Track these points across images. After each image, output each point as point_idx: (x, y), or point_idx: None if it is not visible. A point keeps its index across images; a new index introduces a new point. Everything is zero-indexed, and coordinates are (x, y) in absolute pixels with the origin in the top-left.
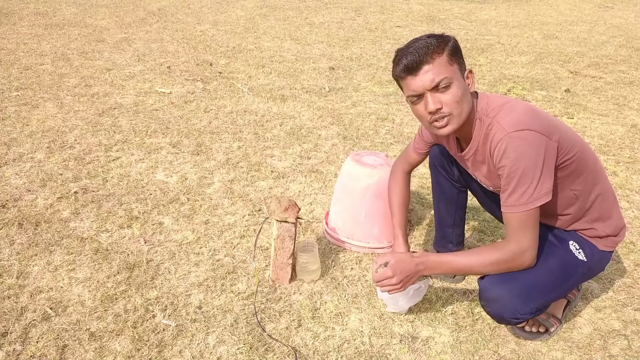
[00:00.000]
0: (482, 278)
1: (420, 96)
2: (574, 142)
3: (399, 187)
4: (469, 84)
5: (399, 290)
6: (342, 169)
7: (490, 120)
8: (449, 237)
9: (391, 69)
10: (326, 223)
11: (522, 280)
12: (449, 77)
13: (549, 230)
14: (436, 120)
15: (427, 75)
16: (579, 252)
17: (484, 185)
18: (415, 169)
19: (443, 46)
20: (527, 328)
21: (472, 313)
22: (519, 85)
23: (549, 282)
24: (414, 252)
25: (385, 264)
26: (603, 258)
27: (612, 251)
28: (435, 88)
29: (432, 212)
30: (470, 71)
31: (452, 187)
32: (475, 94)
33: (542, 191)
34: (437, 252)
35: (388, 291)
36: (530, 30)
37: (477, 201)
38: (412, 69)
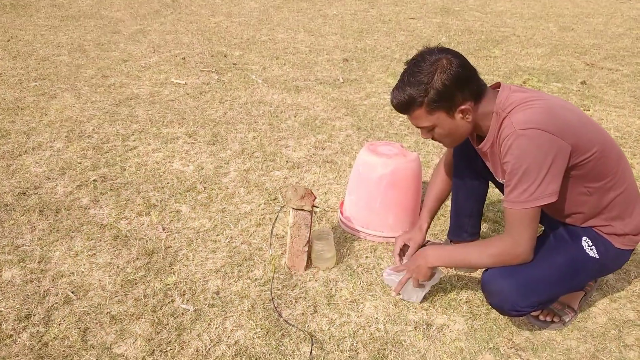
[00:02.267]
0: (485, 270)
1: None
2: (593, 142)
3: (438, 178)
4: (462, 117)
5: (424, 280)
6: (357, 158)
7: (505, 114)
8: (464, 226)
9: None
10: (341, 212)
11: (524, 274)
12: (429, 125)
13: (563, 225)
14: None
15: (411, 121)
16: (591, 249)
17: (498, 180)
18: (429, 160)
19: (422, 99)
20: (541, 317)
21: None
22: (535, 77)
23: (553, 277)
24: (427, 241)
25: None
26: (620, 256)
27: (631, 250)
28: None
29: (449, 202)
30: (462, 110)
31: (474, 177)
32: (497, 85)
33: (545, 191)
34: (451, 242)
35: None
36: (546, 22)
37: (493, 193)
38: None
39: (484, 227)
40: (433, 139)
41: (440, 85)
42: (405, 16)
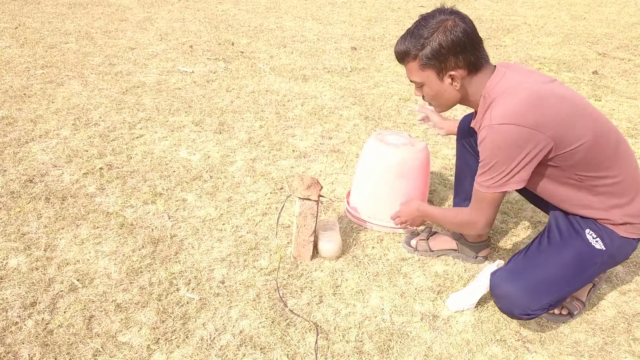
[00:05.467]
0: (494, 273)
1: None
2: (583, 132)
3: None
4: (451, 83)
5: (408, 226)
6: (364, 147)
7: (490, 101)
8: None
9: None
10: (347, 202)
11: (533, 276)
12: (419, 81)
13: (564, 219)
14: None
15: (406, 73)
16: (597, 241)
17: None
18: (438, 150)
19: (417, 52)
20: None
21: None
22: (546, 67)
23: (562, 276)
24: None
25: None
26: (626, 245)
27: (639, 238)
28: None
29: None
30: (452, 76)
31: (476, 161)
32: (492, 68)
33: (512, 180)
34: None
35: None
36: (558, 11)
37: None
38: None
39: None
40: (423, 98)
41: (436, 45)
42: (415, 4)
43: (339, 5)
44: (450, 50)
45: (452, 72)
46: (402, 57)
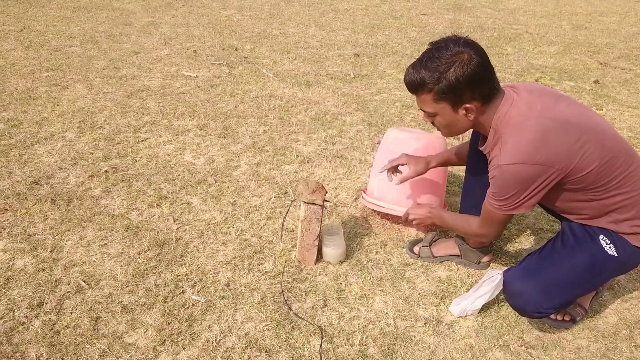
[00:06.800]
0: (507, 270)
1: None
2: (593, 158)
3: (459, 150)
4: (465, 114)
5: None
6: (384, 138)
7: (499, 136)
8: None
9: None
10: (366, 194)
11: (547, 275)
12: (432, 112)
13: (579, 224)
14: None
15: (417, 102)
16: (610, 247)
17: None
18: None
19: (432, 86)
20: (552, 316)
21: (497, 299)
22: (547, 76)
23: (575, 278)
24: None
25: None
26: (637, 254)
27: None
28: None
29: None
30: (467, 108)
31: (487, 173)
32: (502, 93)
33: (522, 205)
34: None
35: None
36: (559, 20)
37: None
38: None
39: None
40: (432, 124)
41: (453, 79)
42: (417, 12)
43: (341, 12)
44: (467, 85)
45: (468, 105)
46: (416, 88)
